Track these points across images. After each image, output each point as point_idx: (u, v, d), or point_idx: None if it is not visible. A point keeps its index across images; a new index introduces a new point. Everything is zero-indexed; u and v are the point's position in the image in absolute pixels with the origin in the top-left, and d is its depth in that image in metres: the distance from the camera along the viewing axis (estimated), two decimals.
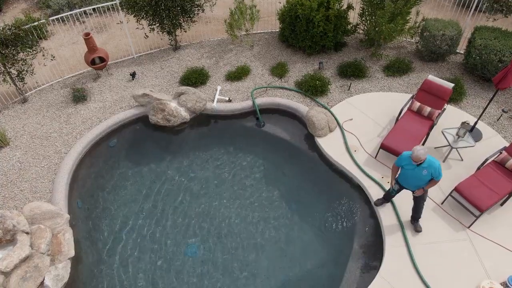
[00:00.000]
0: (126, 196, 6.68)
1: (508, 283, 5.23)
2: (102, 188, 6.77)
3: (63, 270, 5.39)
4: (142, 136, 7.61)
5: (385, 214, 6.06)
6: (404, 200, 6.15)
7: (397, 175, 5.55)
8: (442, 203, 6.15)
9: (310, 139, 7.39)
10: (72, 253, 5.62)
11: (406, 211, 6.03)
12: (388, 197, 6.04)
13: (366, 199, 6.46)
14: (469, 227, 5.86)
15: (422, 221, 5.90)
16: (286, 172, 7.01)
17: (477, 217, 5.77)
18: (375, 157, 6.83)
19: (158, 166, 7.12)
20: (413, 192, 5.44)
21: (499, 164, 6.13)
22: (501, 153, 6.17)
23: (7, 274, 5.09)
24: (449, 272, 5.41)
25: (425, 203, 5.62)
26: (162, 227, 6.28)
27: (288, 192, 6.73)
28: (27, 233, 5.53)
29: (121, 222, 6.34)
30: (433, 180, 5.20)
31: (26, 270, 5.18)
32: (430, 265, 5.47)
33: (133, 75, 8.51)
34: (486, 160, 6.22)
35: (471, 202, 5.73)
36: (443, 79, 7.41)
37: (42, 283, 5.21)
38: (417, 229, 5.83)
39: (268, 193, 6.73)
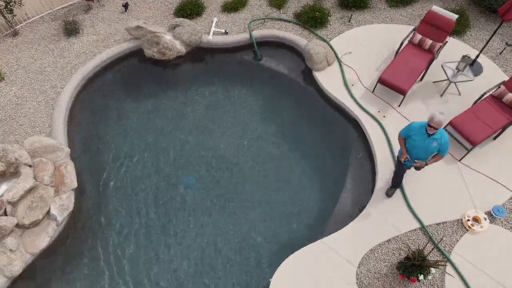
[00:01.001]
0: (124, 130, 6.75)
1: (492, 213, 5.48)
2: (100, 122, 6.83)
3: (67, 200, 5.63)
4: (138, 70, 7.50)
5: (380, 151, 6.16)
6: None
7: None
8: None
9: (308, 73, 7.29)
10: (74, 184, 5.83)
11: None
12: (397, 181, 5.61)
13: (361, 132, 6.53)
14: (460, 160, 6.00)
15: None
16: (283, 106, 7.02)
17: (469, 151, 5.90)
18: (373, 91, 6.80)
19: (154, 100, 7.10)
20: (414, 162, 4.98)
21: (497, 98, 6.12)
22: (499, 87, 6.12)
23: (14, 204, 5.32)
24: (437, 202, 5.64)
25: None
26: (160, 159, 6.43)
27: (285, 126, 6.79)
28: (29, 166, 5.69)
29: (121, 154, 6.48)
30: (438, 154, 4.86)
31: (32, 200, 5.41)
32: (420, 196, 5.69)
33: (125, 6, 8.17)
34: (484, 94, 6.20)
35: (464, 136, 5.81)
36: (448, 10, 7.12)
37: (48, 212, 5.47)
38: (389, 194, 5.69)
39: (264, 126, 6.79)
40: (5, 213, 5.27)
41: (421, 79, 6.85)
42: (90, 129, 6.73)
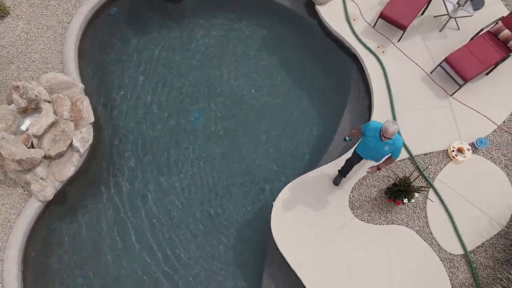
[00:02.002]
0: (133, 64, 7.02)
1: (475, 144, 6.02)
2: (110, 57, 7.06)
3: (87, 133, 6.13)
4: (143, 2, 7.52)
5: (377, 87, 6.50)
6: (397, 71, 6.54)
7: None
8: (431, 73, 6.54)
9: (310, 6, 7.34)
10: (92, 118, 6.28)
11: (395, 78, 6.48)
12: (346, 170, 5.63)
13: (360, 68, 6.82)
14: (452, 95, 6.39)
15: (411, 91, 6.40)
16: (284, 39, 7.20)
17: (461, 86, 6.25)
18: (374, 26, 6.94)
19: (161, 34, 7.25)
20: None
21: (493, 35, 6.31)
22: (496, 23, 6.28)
23: (39, 138, 5.82)
24: (426, 134, 6.15)
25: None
26: (171, 92, 6.82)
27: (286, 59, 7.06)
28: (48, 102, 6.09)
29: (133, 88, 6.83)
30: (390, 158, 4.91)
31: (55, 134, 5.91)
32: (410, 128, 6.17)
33: None
34: (481, 30, 6.38)
35: (457, 72, 6.13)
36: None
37: (71, 144, 6.00)
38: (335, 182, 5.80)
39: (265, 60, 7.05)
40: (32, 146, 5.80)
41: (422, 13, 6.95)
42: (101, 64, 7.00)
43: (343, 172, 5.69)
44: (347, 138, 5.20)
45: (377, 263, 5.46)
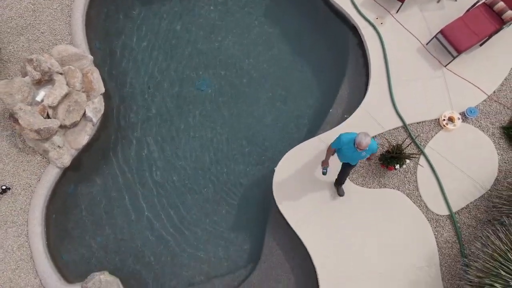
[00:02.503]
0: (140, 33, 7.25)
1: (465, 113, 6.38)
2: (116, 27, 7.28)
3: (99, 103, 6.47)
4: None
5: (375, 58, 6.76)
6: (394, 42, 6.78)
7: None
8: (427, 44, 6.79)
9: None
10: (102, 89, 6.59)
11: (392, 50, 6.74)
12: (342, 179, 5.85)
13: (359, 39, 7.05)
14: (446, 65, 6.67)
15: (407, 61, 6.68)
16: (282, 9, 7.38)
17: (455, 57, 6.53)
18: None
19: (167, 3, 7.41)
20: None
21: (488, 6, 6.50)
22: None
23: (54, 108, 6.17)
24: (420, 103, 6.49)
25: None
26: (174, 60, 7.11)
27: (286, 30, 7.29)
28: (60, 73, 6.38)
29: (140, 57, 7.12)
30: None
31: (69, 104, 6.25)
32: (405, 97, 6.51)
33: None
34: (477, 2, 6.56)
35: (451, 44, 6.38)
36: None
37: (84, 114, 6.35)
38: (340, 193, 5.98)
39: (266, 30, 7.29)
40: (48, 116, 6.16)
41: None
42: (108, 35, 7.22)
43: (340, 181, 5.88)
44: (325, 170, 5.84)
45: (370, 223, 5.98)
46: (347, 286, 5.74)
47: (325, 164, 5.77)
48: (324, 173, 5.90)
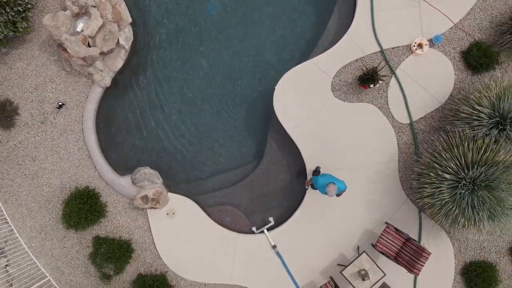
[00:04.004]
0: None
1: (432, 40, 7.70)
2: None
3: (129, 32, 7.74)
4: None
5: None
6: None
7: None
8: None
9: None
10: (129, 19, 7.78)
11: None
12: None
13: None
14: None
15: None
16: None
17: None
18: None
19: None
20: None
21: None
22: None
23: (93, 38, 7.47)
24: (396, 30, 7.75)
25: None
26: None
27: None
28: (94, 6, 7.52)
29: None
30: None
31: (104, 34, 7.52)
32: (384, 25, 7.75)
33: None
34: None
35: None
36: None
37: (117, 42, 7.66)
38: (306, 185, 7.57)
39: None
40: (88, 45, 7.48)
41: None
42: None
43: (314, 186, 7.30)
44: (307, 187, 7.55)
45: (349, 129, 7.74)
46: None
47: (307, 184, 7.47)
48: (306, 189, 7.63)
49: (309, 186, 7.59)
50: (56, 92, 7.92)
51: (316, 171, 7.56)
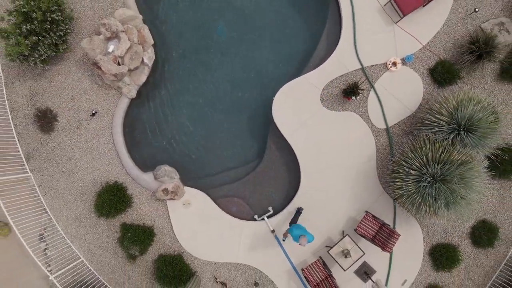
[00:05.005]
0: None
1: (404, 59, 9.24)
2: None
3: (151, 53, 9.26)
4: None
5: (346, 14, 9.33)
6: (361, 4, 9.29)
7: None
8: (384, 5, 9.32)
9: None
10: (151, 41, 9.30)
11: (359, 10, 9.30)
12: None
13: (337, 1, 9.53)
14: (396, 22, 9.31)
15: (368, 18, 9.28)
16: None
17: (402, 17, 9.14)
18: None
19: None
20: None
21: None
22: None
23: (122, 58, 8.97)
24: (374, 51, 9.28)
25: None
26: (200, 13, 9.72)
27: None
28: (122, 31, 9.03)
29: (175, 13, 9.68)
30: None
31: (131, 54, 9.04)
32: (365, 46, 9.28)
33: None
34: None
35: (399, 7, 8.94)
36: None
37: (142, 61, 9.17)
38: (284, 236, 8.50)
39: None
40: (118, 64, 8.99)
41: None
42: None
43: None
44: (284, 239, 8.56)
45: (336, 132, 9.28)
46: (318, 172, 9.28)
47: (284, 235, 8.50)
48: (283, 240, 8.71)
49: (286, 237, 8.55)
50: (90, 102, 9.43)
51: (298, 212, 9.03)
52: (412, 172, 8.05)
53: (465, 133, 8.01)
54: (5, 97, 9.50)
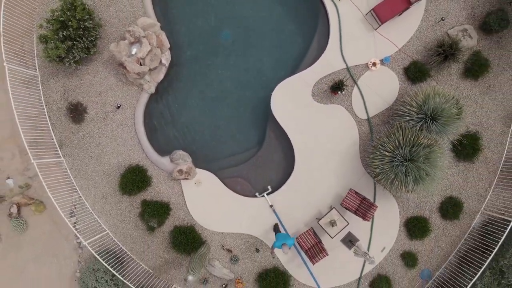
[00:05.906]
0: (188, 2, 11.32)
1: (383, 60, 10.89)
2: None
3: (168, 55, 10.89)
4: None
5: (333, 22, 10.98)
6: (346, 13, 10.95)
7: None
8: (365, 15, 10.97)
9: None
10: (168, 45, 10.91)
11: (344, 18, 10.95)
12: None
13: (325, 10, 11.17)
14: (376, 29, 10.96)
15: (352, 26, 10.93)
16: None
17: (380, 25, 10.80)
18: None
19: None
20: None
21: None
22: None
23: (143, 59, 10.58)
24: (357, 53, 10.93)
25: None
26: (209, 19, 11.34)
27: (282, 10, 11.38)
28: (144, 37, 10.65)
29: (189, 21, 11.28)
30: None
31: (151, 57, 10.65)
32: (349, 49, 10.93)
33: None
34: None
35: (378, 16, 10.59)
36: None
37: (160, 62, 10.79)
38: (272, 253, 9.60)
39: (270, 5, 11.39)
40: (140, 64, 10.60)
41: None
42: (166, 5, 11.27)
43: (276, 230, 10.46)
44: (274, 257, 10.47)
45: (325, 122, 10.92)
46: (309, 157, 10.92)
47: (272, 253, 9.59)
48: (273, 257, 10.50)
49: (273, 254, 9.65)
50: (115, 97, 11.04)
51: (275, 227, 10.54)
52: (387, 153, 9.70)
53: (431, 121, 9.66)
54: (41, 92, 11.09)
